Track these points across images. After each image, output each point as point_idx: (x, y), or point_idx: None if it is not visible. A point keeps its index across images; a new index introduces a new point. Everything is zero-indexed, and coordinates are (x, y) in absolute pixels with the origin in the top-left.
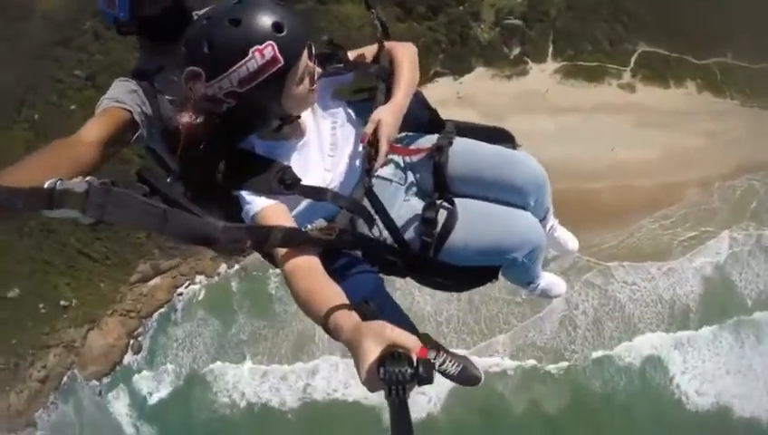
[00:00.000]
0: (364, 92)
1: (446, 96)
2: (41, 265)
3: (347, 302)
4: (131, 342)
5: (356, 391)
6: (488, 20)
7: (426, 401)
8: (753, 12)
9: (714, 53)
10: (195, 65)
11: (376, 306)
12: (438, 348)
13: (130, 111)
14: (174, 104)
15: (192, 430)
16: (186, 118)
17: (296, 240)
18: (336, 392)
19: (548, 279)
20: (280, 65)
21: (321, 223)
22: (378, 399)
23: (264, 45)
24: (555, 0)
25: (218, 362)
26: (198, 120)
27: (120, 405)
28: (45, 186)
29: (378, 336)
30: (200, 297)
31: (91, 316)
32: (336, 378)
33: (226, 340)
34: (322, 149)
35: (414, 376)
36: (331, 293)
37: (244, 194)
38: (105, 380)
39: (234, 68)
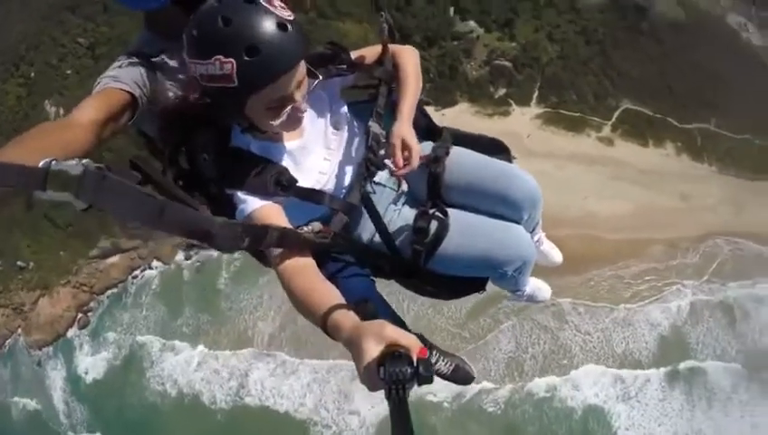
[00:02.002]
0: (362, 91)
1: None
2: (5, 221)
3: (344, 302)
4: (79, 316)
5: (287, 402)
6: (479, 58)
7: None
8: (741, 85)
9: (697, 119)
10: (186, 37)
11: (374, 307)
12: (431, 348)
13: (130, 92)
14: (173, 86)
15: (122, 413)
16: (187, 96)
17: (292, 241)
18: (268, 400)
19: (534, 284)
20: (232, 85)
21: (316, 226)
22: (307, 413)
23: (226, 60)
24: (548, 48)
25: (156, 350)
26: (194, 98)
27: (56, 377)
28: (40, 165)
29: (377, 336)
30: (153, 285)
31: (45, 282)
32: (269, 384)
33: (170, 328)
34: (320, 151)
35: (414, 376)
36: (328, 293)
37: (240, 194)
38: (46, 349)
39: (199, 61)
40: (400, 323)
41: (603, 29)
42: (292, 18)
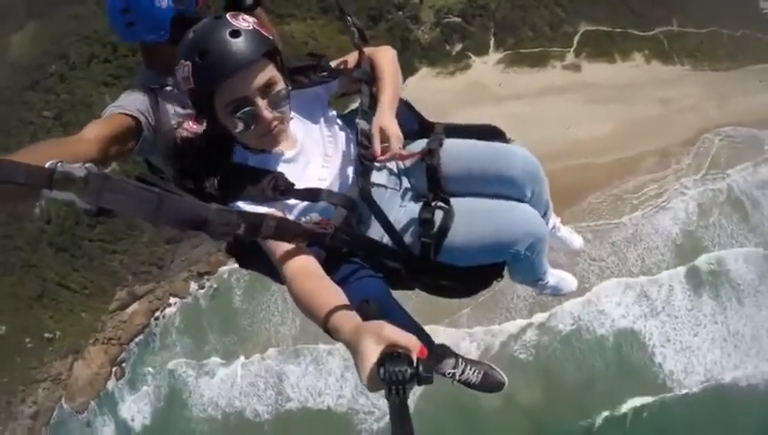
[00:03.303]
0: (347, 97)
1: None
2: (24, 300)
3: (347, 303)
4: (114, 369)
5: (326, 398)
6: (428, 21)
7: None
8: None
9: (658, 23)
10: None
11: (377, 307)
12: (457, 358)
13: (134, 117)
14: (175, 114)
15: None
16: (188, 125)
17: (290, 231)
18: (308, 401)
19: (557, 275)
20: (190, 86)
21: (315, 217)
22: (347, 404)
23: (185, 63)
24: None
25: (192, 379)
26: (198, 129)
27: (107, 433)
28: (47, 165)
29: (377, 336)
30: (176, 321)
31: (75, 347)
32: (305, 384)
33: (200, 357)
34: (318, 159)
35: (414, 376)
36: (331, 294)
37: (241, 204)
38: (92, 407)
39: (177, 68)
40: (416, 327)
41: None
42: (249, 28)
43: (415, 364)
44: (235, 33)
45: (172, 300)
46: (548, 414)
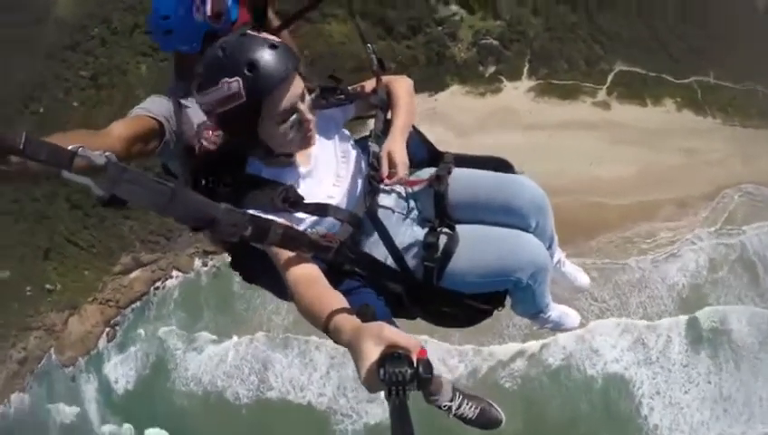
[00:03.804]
0: (362, 120)
1: (422, 111)
2: (32, 250)
3: (347, 306)
4: (108, 330)
5: (308, 393)
6: (466, 40)
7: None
8: (736, 31)
9: (695, 73)
10: (194, 79)
11: (375, 310)
12: (455, 391)
13: (159, 121)
14: (197, 125)
15: (154, 418)
16: (208, 134)
17: (296, 240)
18: (289, 394)
19: (560, 310)
20: (242, 101)
21: (321, 230)
22: (327, 402)
23: (232, 79)
24: (534, 21)
25: (180, 352)
26: (218, 139)
27: (89, 390)
28: (69, 148)
29: (377, 337)
30: (174, 294)
31: (73, 302)
32: (288, 376)
33: (191, 332)
34: (330, 178)
35: (414, 376)
36: (331, 298)
37: (252, 212)
38: (79, 363)
39: (207, 91)
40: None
41: None
42: (281, 42)
43: (415, 365)
44: (273, 47)
45: (174, 273)
46: None
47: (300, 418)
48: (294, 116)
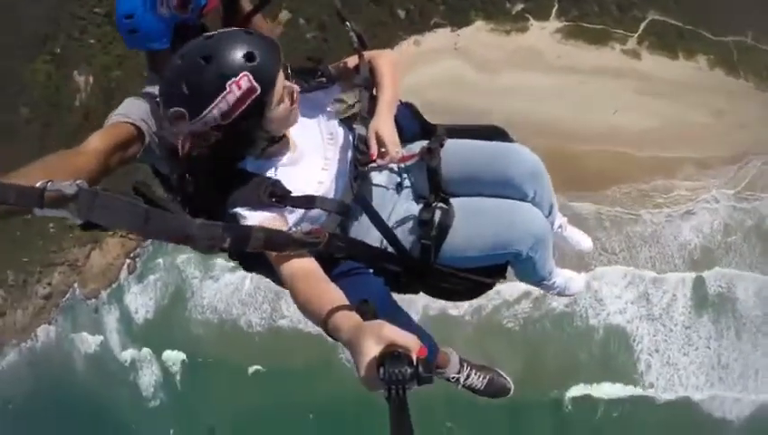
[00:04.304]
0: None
1: (443, 47)
2: None
3: (346, 303)
4: (128, 262)
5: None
6: None
7: None
8: None
9: (733, 31)
10: (177, 106)
11: (376, 307)
12: (462, 362)
13: (137, 126)
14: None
15: (173, 345)
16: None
17: (279, 242)
18: (299, 323)
19: (564, 275)
20: (257, 94)
21: (305, 226)
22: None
23: (239, 77)
24: None
25: (197, 281)
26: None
27: (111, 321)
28: (37, 185)
29: (377, 335)
30: None
31: (95, 237)
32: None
33: (208, 263)
34: (318, 161)
35: (414, 376)
36: (330, 294)
37: (240, 210)
38: (102, 296)
39: (214, 103)
40: (417, 329)
41: None
42: (245, 29)
43: (415, 364)
44: (248, 33)
45: None
46: (524, 384)
47: (309, 346)
48: (295, 93)
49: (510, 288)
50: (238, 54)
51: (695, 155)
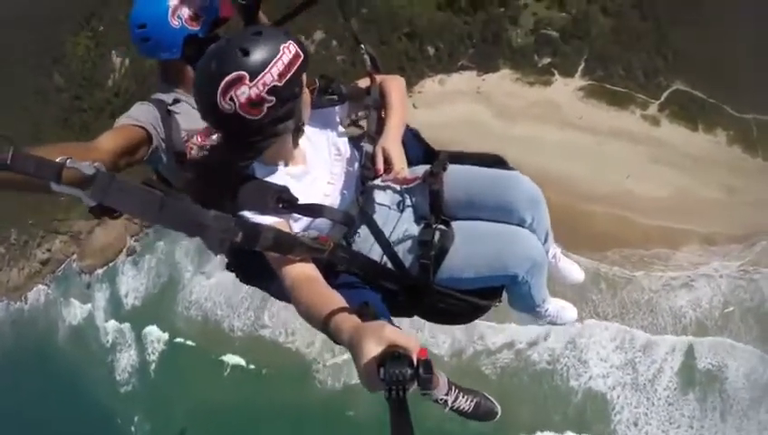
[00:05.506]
0: (353, 124)
1: (467, 89)
2: None
3: (346, 305)
4: (129, 243)
5: (298, 338)
6: (526, 27)
7: None
8: None
9: (756, 109)
10: (234, 72)
11: (375, 310)
12: (451, 385)
13: (146, 130)
14: (186, 131)
15: (152, 335)
16: (198, 139)
17: (288, 244)
18: (280, 336)
19: (557, 304)
20: (302, 59)
21: (313, 233)
22: (315, 354)
23: (288, 43)
24: (600, 21)
25: (189, 274)
26: (208, 142)
27: (100, 300)
28: (57, 160)
29: (378, 337)
30: None
31: None
32: (283, 318)
33: (204, 258)
34: (324, 176)
35: (414, 376)
36: (331, 298)
37: (247, 214)
38: (96, 273)
39: (272, 63)
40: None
41: (662, 4)
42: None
43: (415, 365)
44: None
45: None
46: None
47: (285, 360)
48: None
49: (494, 336)
50: (278, 32)
51: (701, 229)
